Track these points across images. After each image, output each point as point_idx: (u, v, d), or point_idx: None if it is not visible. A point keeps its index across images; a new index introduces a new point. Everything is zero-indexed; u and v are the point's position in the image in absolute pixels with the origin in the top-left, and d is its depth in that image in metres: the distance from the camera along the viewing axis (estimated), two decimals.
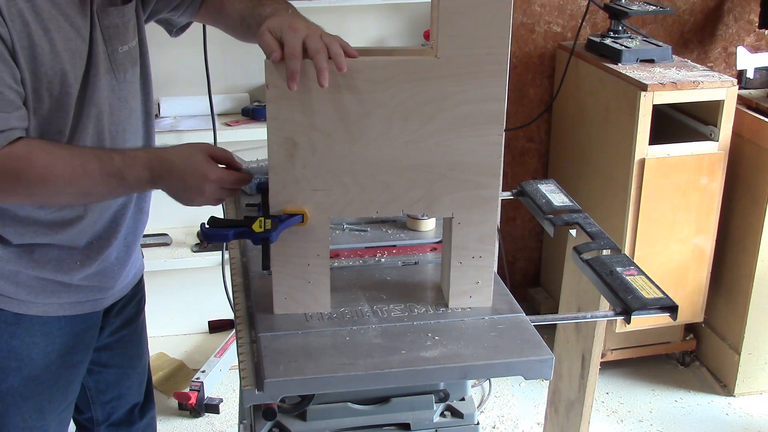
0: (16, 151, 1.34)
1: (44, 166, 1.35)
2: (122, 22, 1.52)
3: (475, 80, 1.32)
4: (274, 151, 1.33)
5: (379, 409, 1.43)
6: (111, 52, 1.50)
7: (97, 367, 1.82)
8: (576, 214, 1.68)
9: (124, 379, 1.90)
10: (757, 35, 3.24)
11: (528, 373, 1.34)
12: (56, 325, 1.62)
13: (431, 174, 1.37)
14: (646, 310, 1.36)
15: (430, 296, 1.50)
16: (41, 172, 1.35)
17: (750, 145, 2.74)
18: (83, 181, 1.38)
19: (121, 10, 1.51)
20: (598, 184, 2.91)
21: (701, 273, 2.83)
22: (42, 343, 1.61)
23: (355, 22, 2.97)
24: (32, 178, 1.36)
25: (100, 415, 1.91)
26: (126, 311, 1.83)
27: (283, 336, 1.36)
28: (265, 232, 1.32)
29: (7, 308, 1.57)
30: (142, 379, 1.96)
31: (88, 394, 1.87)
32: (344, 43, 1.30)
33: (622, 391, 2.99)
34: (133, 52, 1.56)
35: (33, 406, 1.64)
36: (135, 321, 1.87)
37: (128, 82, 1.56)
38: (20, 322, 1.58)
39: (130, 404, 1.94)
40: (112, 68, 1.51)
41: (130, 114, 1.59)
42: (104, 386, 1.87)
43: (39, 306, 1.59)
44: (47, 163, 1.35)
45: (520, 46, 3.12)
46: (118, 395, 1.90)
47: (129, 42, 1.54)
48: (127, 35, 1.54)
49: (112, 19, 1.49)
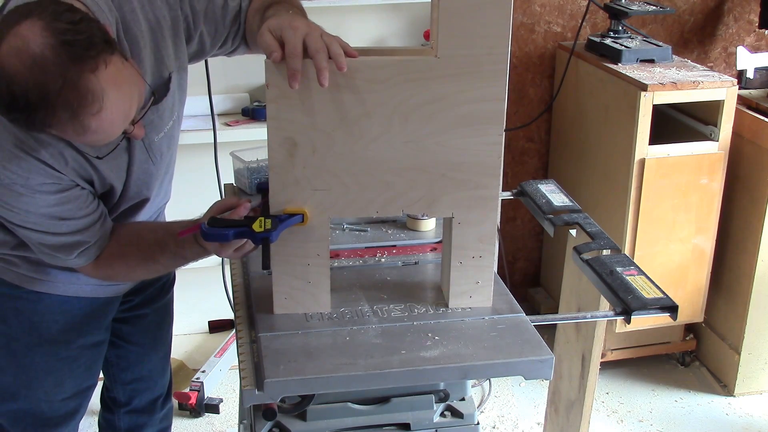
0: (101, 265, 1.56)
1: (126, 273, 1.61)
2: (158, 116, 1.54)
3: (475, 80, 1.32)
4: (274, 151, 1.33)
5: (379, 409, 1.43)
6: (148, 144, 1.55)
7: (118, 340, 1.89)
8: (576, 214, 1.68)
9: (146, 361, 1.95)
10: (757, 35, 3.24)
11: (528, 373, 1.34)
12: (76, 304, 1.69)
13: (431, 174, 1.37)
14: (646, 310, 1.36)
15: (430, 296, 1.50)
16: (126, 274, 1.62)
17: (750, 145, 2.74)
18: (161, 269, 1.65)
19: (155, 108, 1.50)
20: (598, 184, 2.90)
21: (701, 273, 2.82)
22: (62, 320, 1.68)
23: (355, 22, 2.97)
24: (121, 278, 1.67)
25: (122, 396, 1.98)
26: (148, 291, 1.88)
27: (283, 336, 1.36)
28: (265, 232, 1.32)
29: (27, 286, 1.63)
30: (164, 366, 2.02)
31: (111, 370, 1.94)
32: (344, 43, 1.30)
33: (622, 391, 2.99)
34: (168, 131, 1.60)
35: (54, 380, 1.73)
36: (157, 301, 1.92)
37: (164, 154, 1.61)
38: (41, 299, 1.65)
39: (154, 394, 2.00)
40: (149, 155, 1.56)
41: (162, 165, 1.64)
42: (125, 363, 1.93)
43: (59, 285, 1.65)
44: (128, 270, 1.60)
45: (520, 46, 3.12)
46: (140, 377, 1.96)
47: (165, 127, 1.58)
48: (162, 123, 1.56)
49: (147, 118, 1.48)
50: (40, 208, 1.42)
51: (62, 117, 1.23)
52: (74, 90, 1.21)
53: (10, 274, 1.62)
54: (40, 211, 1.42)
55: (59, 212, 1.44)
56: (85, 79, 1.21)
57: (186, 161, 1.84)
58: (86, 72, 1.21)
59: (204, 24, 1.58)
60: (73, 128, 1.25)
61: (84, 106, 1.23)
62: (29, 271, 1.62)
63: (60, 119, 1.23)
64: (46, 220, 1.44)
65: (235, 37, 1.62)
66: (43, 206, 1.42)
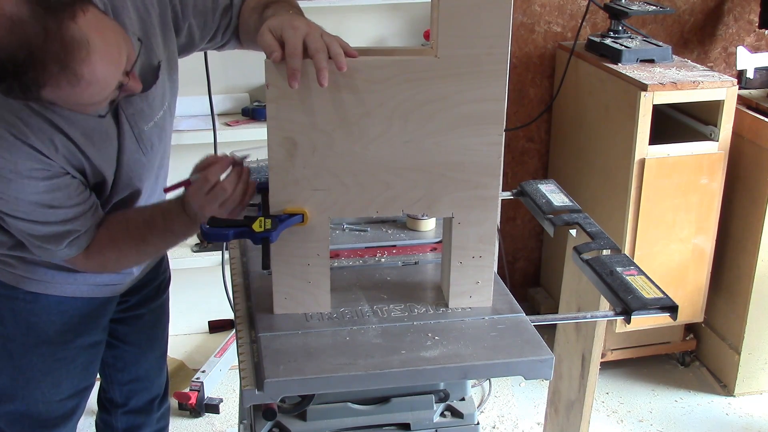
0: (91, 254, 1.54)
1: (117, 258, 1.59)
2: (147, 104, 1.54)
3: (475, 80, 1.32)
4: (274, 151, 1.33)
5: (379, 409, 1.43)
6: (138, 133, 1.54)
7: (114, 341, 1.88)
8: (576, 214, 1.68)
9: (143, 361, 1.95)
10: (757, 35, 3.24)
11: (528, 373, 1.34)
12: (73, 304, 1.69)
13: (431, 174, 1.37)
14: (646, 310, 1.36)
15: (430, 296, 1.50)
16: (117, 259, 1.60)
17: (750, 145, 2.74)
18: (152, 250, 1.65)
19: (144, 95, 1.51)
20: (598, 184, 2.90)
21: (701, 273, 2.83)
22: (59, 321, 1.68)
23: (355, 22, 2.97)
24: (112, 266, 1.64)
25: (119, 397, 1.97)
26: (145, 291, 1.88)
27: (283, 336, 1.36)
28: (265, 232, 1.32)
29: (24, 287, 1.64)
30: (161, 365, 2.02)
31: (107, 371, 1.94)
32: (344, 43, 1.30)
33: (622, 391, 2.99)
34: (159, 122, 1.59)
35: (51, 381, 1.73)
36: (153, 302, 1.92)
37: (155, 145, 1.61)
38: (37, 300, 1.65)
39: (151, 394, 2.00)
40: (140, 146, 1.56)
41: (155, 156, 1.63)
42: (122, 364, 1.93)
43: (56, 286, 1.65)
44: (119, 254, 1.58)
45: (520, 46, 3.12)
46: (136, 377, 1.96)
47: (155, 116, 1.57)
48: (153, 112, 1.56)
49: (136, 105, 1.51)
50: (29, 195, 1.42)
51: (53, 70, 1.23)
52: (58, 39, 1.22)
53: (7, 275, 1.63)
54: (30, 198, 1.42)
55: (49, 200, 1.44)
56: (66, 27, 1.22)
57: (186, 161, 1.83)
58: (66, 21, 1.22)
59: (193, 17, 1.59)
60: (66, 80, 1.25)
61: (71, 53, 1.23)
62: (26, 272, 1.62)
63: (51, 73, 1.24)
64: (35, 208, 1.44)
65: (225, 31, 1.63)
66: (33, 193, 1.42)
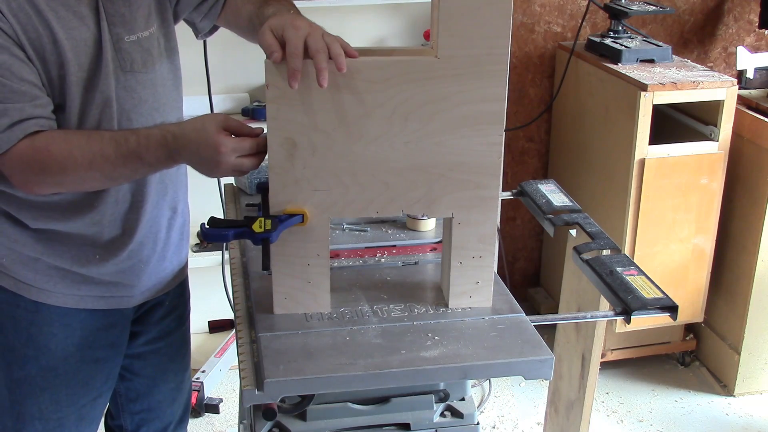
0: (37, 144, 1.38)
1: (64, 156, 1.39)
2: (129, 12, 1.50)
3: (475, 80, 1.32)
4: (274, 151, 1.33)
5: (379, 409, 1.43)
6: (116, 41, 1.49)
7: (128, 374, 1.81)
8: (576, 214, 1.68)
9: (155, 392, 1.87)
10: (757, 35, 3.24)
11: (528, 373, 1.34)
12: (76, 317, 1.63)
13: (431, 174, 1.37)
14: (646, 310, 1.36)
15: (430, 296, 1.50)
16: (62, 162, 1.40)
17: (750, 145, 2.74)
18: (103, 166, 1.41)
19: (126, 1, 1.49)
20: (598, 184, 2.90)
21: (701, 273, 2.83)
22: (60, 335, 1.62)
23: (355, 22, 2.97)
24: (54, 168, 1.40)
25: (129, 424, 1.90)
26: (165, 322, 1.81)
27: (283, 336, 1.36)
28: (265, 232, 1.32)
29: (26, 295, 1.59)
30: (176, 396, 1.92)
31: (119, 400, 1.86)
32: (345, 44, 1.30)
33: (622, 391, 2.99)
34: (143, 42, 1.54)
35: (49, 397, 1.65)
36: (173, 334, 1.84)
37: (136, 72, 1.54)
38: (39, 310, 1.60)
39: (164, 423, 1.92)
40: (117, 57, 1.50)
41: (138, 104, 1.55)
42: (134, 395, 1.86)
43: (58, 296, 1.60)
44: (66, 153, 1.39)
45: (520, 46, 3.12)
46: (148, 407, 1.88)
47: (138, 32, 1.52)
48: (135, 25, 1.52)
49: (118, 8, 1.48)
50: None
51: None
52: None
53: (8, 280, 1.58)
54: None
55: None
56: None
57: None
58: None
59: None
60: None
61: None
62: (27, 278, 1.57)
63: None
64: None
65: (214, 5, 1.62)
66: None
